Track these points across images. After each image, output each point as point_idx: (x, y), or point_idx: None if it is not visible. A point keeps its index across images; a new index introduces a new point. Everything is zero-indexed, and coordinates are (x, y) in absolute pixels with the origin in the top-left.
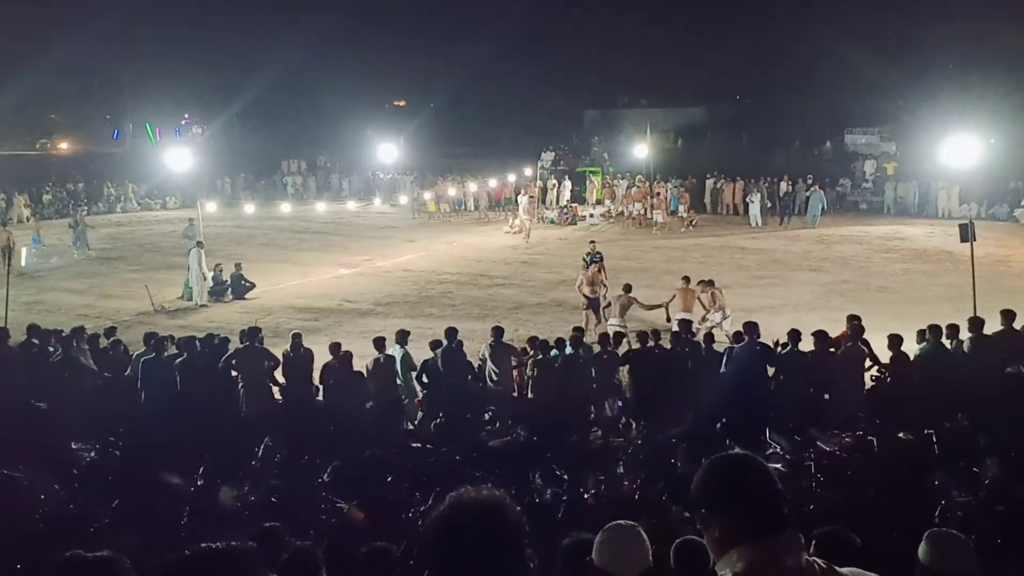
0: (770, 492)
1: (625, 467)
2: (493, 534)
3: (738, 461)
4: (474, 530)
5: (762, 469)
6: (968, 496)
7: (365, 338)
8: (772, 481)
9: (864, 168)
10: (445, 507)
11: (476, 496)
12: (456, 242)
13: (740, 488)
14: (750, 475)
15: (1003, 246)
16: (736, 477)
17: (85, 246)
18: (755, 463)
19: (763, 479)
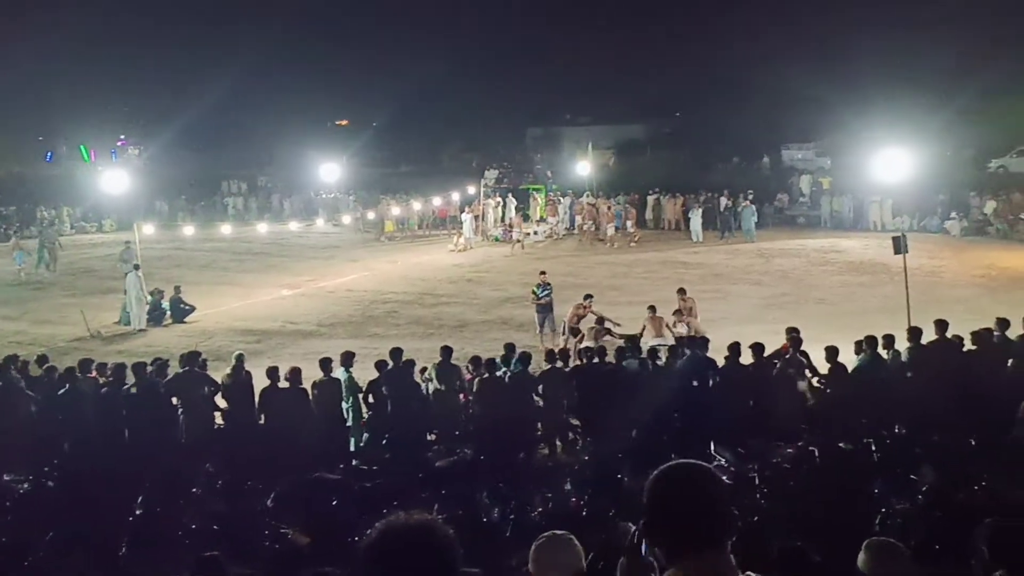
0: (712, 506)
1: (572, 483)
2: (425, 557)
3: (682, 475)
4: (405, 554)
5: (707, 481)
6: (906, 503)
7: (309, 360)
8: (715, 495)
9: (801, 183)
10: (376, 532)
11: (407, 520)
12: (400, 261)
13: (682, 501)
14: (694, 488)
15: (934, 257)
16: (679, 490)
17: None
18: (700, 476)
19: (706, 493)
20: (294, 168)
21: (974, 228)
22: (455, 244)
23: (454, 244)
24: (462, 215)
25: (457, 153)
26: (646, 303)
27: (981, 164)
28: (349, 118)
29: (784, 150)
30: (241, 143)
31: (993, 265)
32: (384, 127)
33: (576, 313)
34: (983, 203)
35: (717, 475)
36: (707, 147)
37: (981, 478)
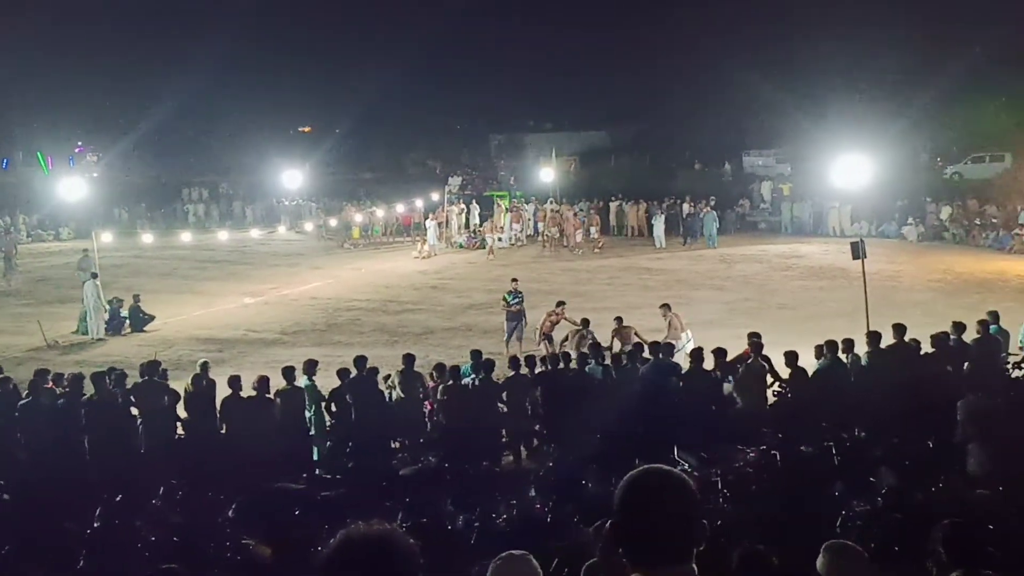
0: (685, 519)
1: (537, 490)
2: (384, 568)
3: (658, 485)
4: (364, 565)
5: (681, 493)
6: (866, 505)
7: (271, 368)
8: (688, 507)
9: (762, 189)
10: (335, 543)
11: (366, 531)
12: (364, 268)
13: (655, 512)
14: (667, 500)
15: (892, 262)
16: (653, 500)
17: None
18: (675, 487)
19: (679, 505)
20: (256, 174)
21: (931, 233)
22: (419, 251)
23: (418, 251)
24: (426, 222)
25: (420, 160)
26: (610, 309)
27: (937, 170)
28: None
29: (745, 156)
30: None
31: (949, 270)
32: (347, 133)
33: (549, 320)
34: (939, 209)
35: (691, 486)
36: (669, 154)
37: (939, 479)
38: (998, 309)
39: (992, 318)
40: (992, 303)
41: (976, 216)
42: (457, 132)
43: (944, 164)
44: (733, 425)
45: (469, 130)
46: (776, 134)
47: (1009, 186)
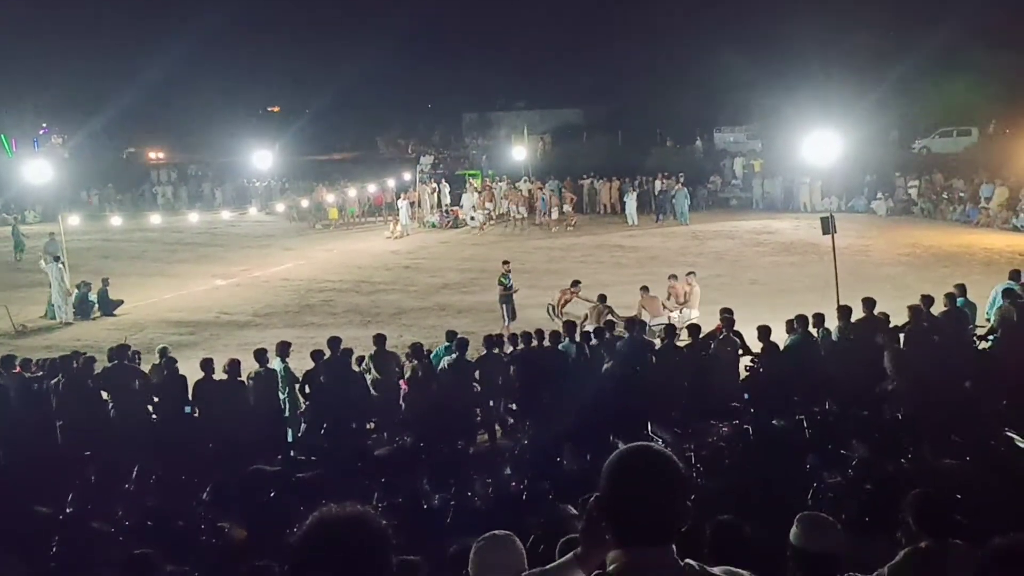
0: (671, 502)
1: (512, 468)
2: (357, 549)
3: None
4: (337, 547)
5: (671, 475)
6: (838, 477)
7: (244, 351)
8: (676, 490)
9: (733, 166)
10: (308, 525)
11: (338, 513)
12: (336, 249)
13: (643, 493)
14: (657, 482)
15: (862, 237)
16: (642, 481)
17: None
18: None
19: (668, 488)
20: (225, 155)
21: (899, 208)
22: (391, 231)
23: (390, 231)
24: (398, 202)
25: (392, 139)
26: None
27: (905, 145)
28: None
29: (717, 133)
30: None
31: (918, 244)
32: (318, 114)
33: (563, 299)
34: (907, 184)
35: (680, 468)
36: (642, 131)
37: (908, 451)
38: (965, 282)
39: (959, 291)
40: (959, 276)
41: (943, 190)
42: (429, 111)
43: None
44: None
45: (441, 109)
46: (747, 111)
47: (975, 160)
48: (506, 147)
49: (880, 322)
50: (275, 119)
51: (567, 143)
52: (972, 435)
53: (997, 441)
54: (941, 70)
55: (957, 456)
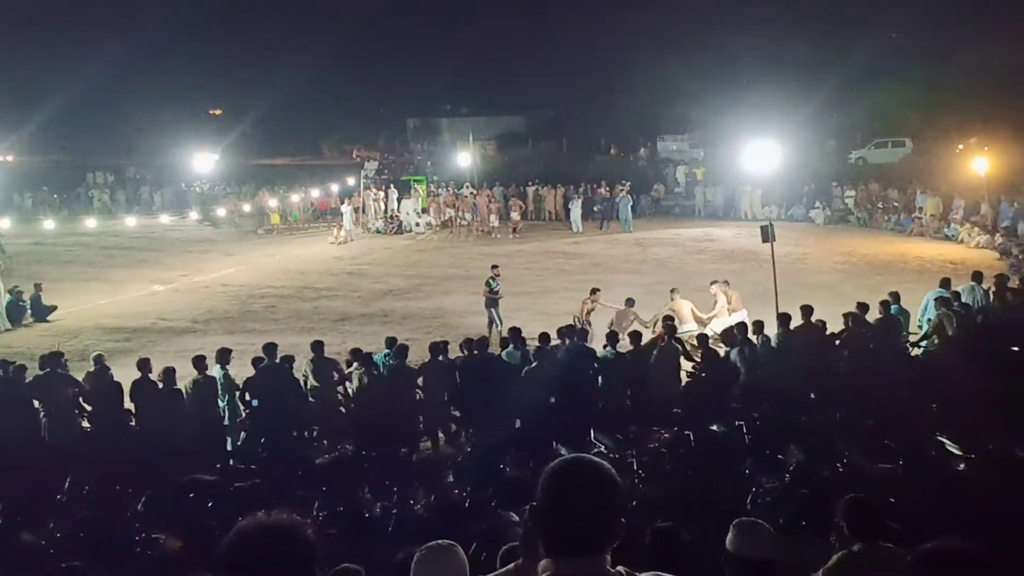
0: (606, 513)
1: (455, 475)
2: (280, 559)
3: (581, 477)
4: (260, 557)
5: (605, 486)
6: (775, 482)
7: (183, 358)
8: (610, 502)
9: (676, 174)
10: (231, 535)
11: (262, 522)
12: (278, 254)
13: (576, 504)
14: (590, 493)
15: (800, 245)
16: (576, 492)
17: None
18: (599, 480)
19: (602, 499)
20: (164, 158)
21: (836, 217)
22: (335, 237)
23: (334, 237)
24: (342, 207)
25: (337, 144)
26: (528, 293)
27: (842, 156)
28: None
29: (660, 142)
30: (108, 133)
31: (854, 252)
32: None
33: (585, 308)
34: (844, 193)
35: (617, 481)
36: (586, 139)
37: (843, 456)
38: (898, 290)
39: (893, 299)
40: (893, 284)
41: (879, 200)
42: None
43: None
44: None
45: (386, 114)
46: (690, 120)
47: (909, 170)
48: (451, 153)
49: (817, 329)
50: (217, 122)
51: (512, 150)
52: (905, 440)
53: (929, 446)
54: (875, 82)
55: (891, 461)
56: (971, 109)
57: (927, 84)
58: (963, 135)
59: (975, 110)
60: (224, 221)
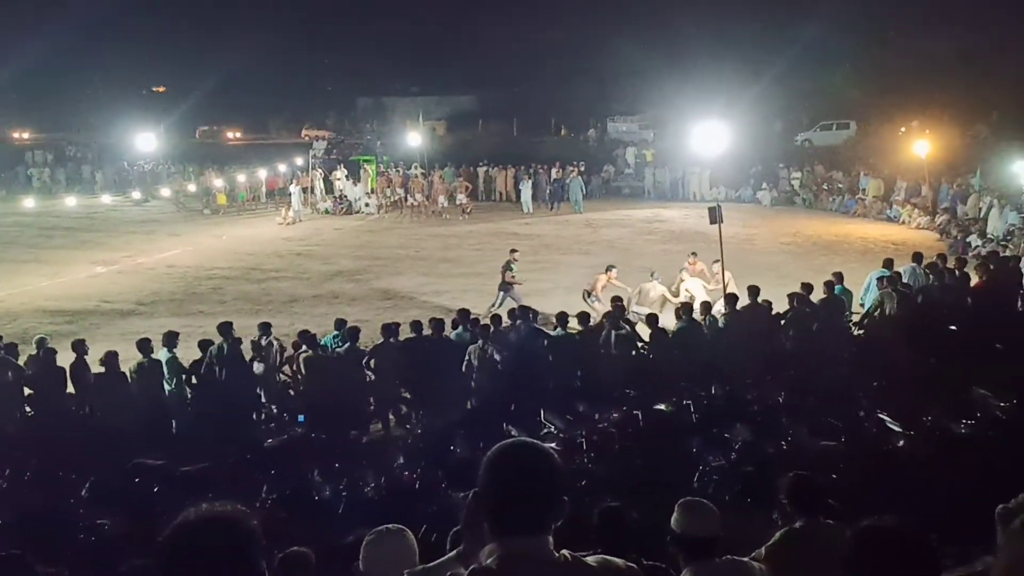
0: (545, 493)
1: (405, 457)
2: (223, 550)
3: (521, 458)
4: (202, 548)
5: (544, 467)
6: (721, 460)
7: (127, 340)
8: (549, 482)
9: (626, 155)
10: (172, 526)
11: (204, 512)
12: (225, 235)
13: (516, 484)
14: (529, 473)
15: (748, 226)
16: (515, 472)
17: None
18: (538, 460)
19: (541, 479)
20: (106, 137)
21: (783, 198)
22: (283, 217)
23: (282, 217)
24: (290, 187)
25: (284, 123)
26: (479, 275)
27: (789, 138)
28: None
29: (610, 122)
30: (47, 110)
31: (799, 233)
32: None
33: (600, 284)
34: (791, 175)
35: (556, 461)
36: (537, 119)
37: (788, 433)
38: (842, 270)
39: (837, 279)
40: (837, 264)
41: (824, 181)
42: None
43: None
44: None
45: (335, 93)
46: (640, 101)
47: (853, 153)
48: (401, 133)
49: (764, 309)
50: (161, 99)
51: (462, 130)
52: (847, 417)
53: (870, 423)
54: (821, 64)
55: (833, 438)
56: (912, 93)
57: (871, 67)
58: (905, 118)
59: (916, 94)
60: (169, 201)
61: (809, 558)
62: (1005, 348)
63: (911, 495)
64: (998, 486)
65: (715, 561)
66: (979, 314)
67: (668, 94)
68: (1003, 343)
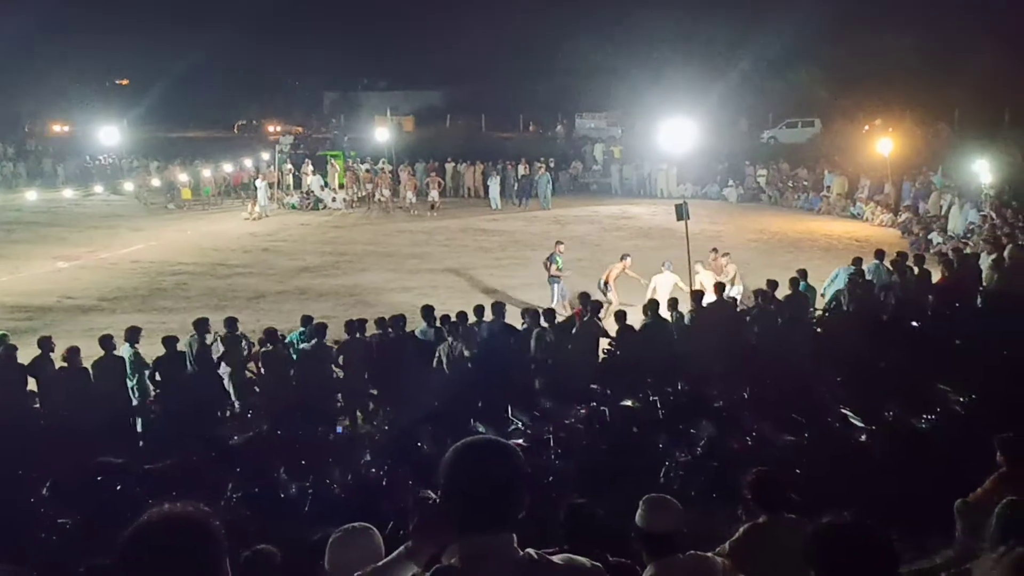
0: (505, 490)
1: (372, 454)
2: (184, 552)
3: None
4: (163, 550)
5: (504, 463)
6: (687, 455)
7: (89, 336)
8: (510, 478)
9: (594, 151)
10: (132, 528)
11: (165, 513)
12: (190, 230)
13: (476, 481)
14: (489, 470)
15: (714, 223)
16: (475, 470)
17: None
18: (498, 457)
19: (501, 476)
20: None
21: (749, 195)
22: (249, 212)
23: (248, 212)
24: (256, 182)
25: (251, 117)
26: (448, 270)
27: (755, 135)
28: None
29: (578, 119)
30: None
31: (765, 229)
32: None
33: (614, 272)
34: (756, 172)
35: (515, 456)
36: (504, 115)
37: (752, 428)
38: (806, 267)
39: (801, 275)
40: (802, 261)
41: (789, 179)
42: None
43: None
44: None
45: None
46: (608, 98)
47: (818, 150)
48: (369, 128)
49: (729, 306)
50: (124, 92)
51: (430, 125)
52: (810, 413)
53: (833, 418)
54: (786, 63)
55: (797, 433)
56: (875, 92)
57: (835, 67)
58: (869, 117)
59: (879, 93)
60: (132, 195)
61: (772, 553)
62: (965, 344)
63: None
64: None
65: (678, 556)
66: (940, 311)
67: (636, 91)
68: (963, 339)
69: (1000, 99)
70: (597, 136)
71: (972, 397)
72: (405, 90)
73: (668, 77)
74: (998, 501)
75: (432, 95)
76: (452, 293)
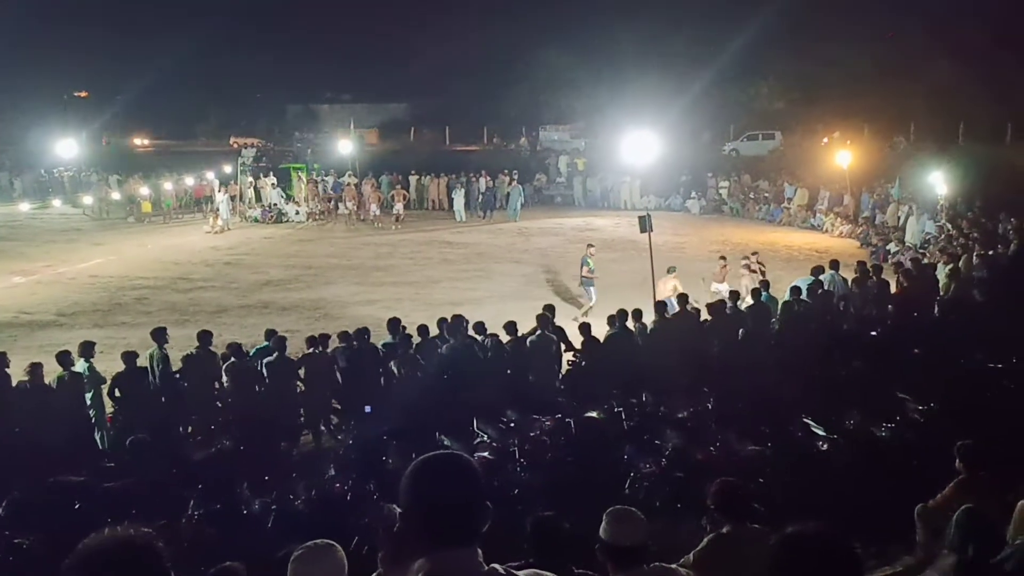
0: (467, 504)
1: (336, 468)
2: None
3: (442, 470)
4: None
5: (465, 478)
6: (653, 466)
7: (47, 353)
8: (472, 492)
9: (558, 164)
10: (74, 553)
11: (107, 538)
12: (151, 244)
13: (439, 497)
14: (451, 485)
15: (677, 234)
16: (437, 485)
17: None
18: (460, 471)
19: (463, 490)
20: (24, 142)
21: (711, 207)
22: (211, 226)
23: (210, 226)
24: (218, 195)
25: (212, 130)
26: (412, 284)
27: (717, 148)
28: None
29: (542, 131)
30: None
31: (727, 241)
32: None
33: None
34: (719, 184)
35: (474, 470)
36: (468, 127)
37: (717, 439)
38: (768, 278)
39: (763, 287)
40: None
41: (751, 191)
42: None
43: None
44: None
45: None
46: (572, 110)
47: (779, 163)
48: (332, 141)
49: (692, 317)
50: (82, 104)
51: (394, 138)
52: (773, 423)
53: (795, 428)
54: (747, 77)
55: (760, 443)
56: (834, 105)
57: (794, 80)
58: (828, 129)
59: (838, 106)
60: (91, 209)
61: (736, 563)
62: (923, 353)
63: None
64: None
65: (643, 568)
66: (899, 320)
67: (599, 104)
68: (921, 348)
69: (955, 113)
70: (561, 148)
71: (931, 405)
72: (369, 103)
73: (631, 90)
74: (957, 507)
75: (396, 108)
76: (416, 305)
